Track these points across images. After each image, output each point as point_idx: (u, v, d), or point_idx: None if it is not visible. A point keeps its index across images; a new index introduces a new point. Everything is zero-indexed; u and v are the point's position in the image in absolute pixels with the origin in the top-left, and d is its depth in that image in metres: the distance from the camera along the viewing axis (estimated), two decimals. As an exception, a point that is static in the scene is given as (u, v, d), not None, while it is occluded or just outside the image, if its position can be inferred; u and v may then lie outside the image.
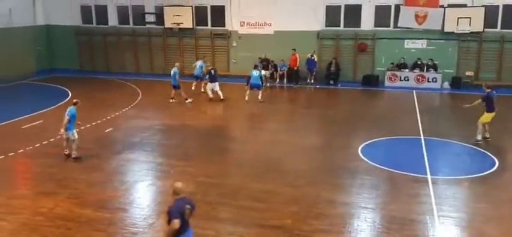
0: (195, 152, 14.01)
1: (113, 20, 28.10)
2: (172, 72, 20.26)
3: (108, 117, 17.67)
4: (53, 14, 28.69)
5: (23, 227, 9.16)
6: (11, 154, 13.39)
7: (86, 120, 16.83)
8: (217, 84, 20.51)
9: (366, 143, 14.36)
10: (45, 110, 18.79)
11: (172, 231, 6.81)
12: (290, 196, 10.64)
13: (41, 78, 26.32)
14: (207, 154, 13.65)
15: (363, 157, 13.15)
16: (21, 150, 13.75)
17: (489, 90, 14.49)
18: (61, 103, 20.13)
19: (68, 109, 12.98)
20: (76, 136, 12.99)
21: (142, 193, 11.16)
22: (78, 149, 13.20)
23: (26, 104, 19.69)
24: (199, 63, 22.55)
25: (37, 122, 16.89)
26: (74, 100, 13.46)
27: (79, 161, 12.82)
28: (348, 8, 24.66)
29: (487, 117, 14.35)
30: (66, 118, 12.78)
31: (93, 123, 16.74)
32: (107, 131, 16.01)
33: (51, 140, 14.72)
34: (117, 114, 18.31)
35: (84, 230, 9.07)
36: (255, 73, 20.30)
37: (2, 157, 13.09)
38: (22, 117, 17.36)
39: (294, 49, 24.53)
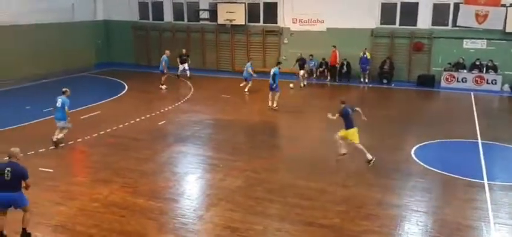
0: (244, 147, 14.13)
1: (168, 16, 28.83)
2: (162, 60, 22.12)
3: (161, 110, 18.16)
4: (112, 10, 29.86)
5: (80, 212, 9.61)
6: (70, 143, 14.07)
7: (140, 113, 17.49)
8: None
9: (420, 145, 13.93)
10: (103, 102, 19.61)
11: None
12: (339, 195, 10.50)
13: (99, 71, 27.47)
14: (255, 150, 13.74)
15: (416, 159, 12.77)
16: (80, 139, 14.42)
17: (344, 105, 12.64)
18: (118, 95, 20.96)
19: (60, 100, 13.54)
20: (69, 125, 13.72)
21: (192, 184, 11.40)
22: (133, 140, 13.64)
23: (85, 96, 20.59)
24: (248, 64, 22.62)
25: (95, 113, 17.66)
26: (63, 89, 13.84)
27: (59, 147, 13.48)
28: (404, 5, 23.96)
29: (345, 132, 12.56)
30: (66, 108, 13.46)
31: (147, 116, 17.29)
32: (160, 123, 16.47)
33: (108, 130, 15.36)
34: (170, 107, 18.79)
35: (137, 217, 9.39)
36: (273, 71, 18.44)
37: (62, 145, 13.77)
38: (81, 108, 18.20)
39: (334, 46, 24.17)
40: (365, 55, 23.85)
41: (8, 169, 7.94)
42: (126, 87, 22.79)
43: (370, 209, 9.80)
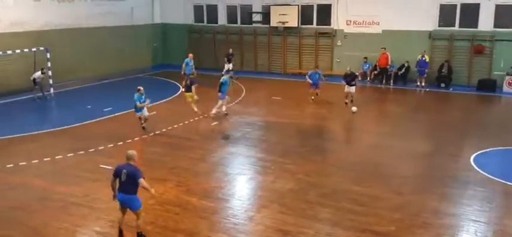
0: (295, 150, 14.08)
1: (222, 19, 29.29)
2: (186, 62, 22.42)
3: (214, 111, 18.43)
4: (169, 13, 30.71)
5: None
6: (128, 141, 14.60)
7: (193, 114, 17.84)
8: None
9: (480, 152, 13.30)
10: (159, 102, 20.18)
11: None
12: (394, 202, 10.23)
13: (155, 72, 28.33)
14: (307, 153, 13.65)
15: (475, 167, 12.21)
16: (137, 138, 14.94)
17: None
18: (173, 96, 21.53)
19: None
20: (145, 114, 15.42)
21: (244, 186, 11.50)
22: (187, 140, 13.93)
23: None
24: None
25: (151, 113, 18.18)
26: (138, 87, 15.62)
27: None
28: (465, 7, 22.99)
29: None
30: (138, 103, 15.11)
31: (201, 117, 17.62)
32: (212, 124, 16.76)
33: (164, 130, 15.81)
34: (222, 109, 19.02)
35: (190, 216, 9.61)
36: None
37: (121, 143, 14.32)
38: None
39: (384, 48, 23.55)
40: (423, 58, 23.11)
41: (125, 171, 8.13)
42: (181, 88, 23.33)
43: (426, 218, 9.48)
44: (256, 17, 27.98)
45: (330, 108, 19.96)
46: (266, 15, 27.40)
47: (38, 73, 20.35)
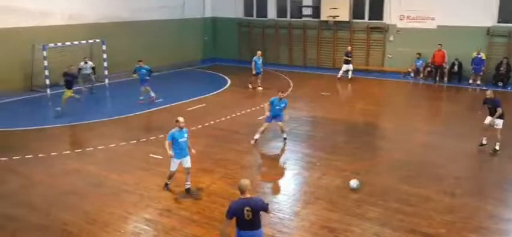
0: (343, 146, 13.88)
1: (271, 12, 29.25)
2: (255, 60, 21.47)
3: (261, 105, 18.41)
4: (219, 7, 31.02)
5: (185, 199, 10.18)
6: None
7: (240, 107, 17.99)
8: None
9: (540, 155, 12.58)
10: (208, 95, 20.49)
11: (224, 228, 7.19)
12: (446, 204, 9.87)
13: (205, 66, 28.74)
14: (355, 150, 13.41)
15: (534, 171, 11.57)
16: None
17: None
18: (221, 89, 21.78)
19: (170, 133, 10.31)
20: (189, 164, 10.48)
21: (290, 181, 11.48)
22: (234, 133, 14.01)
23: (192, 89, 21.67)
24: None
25: (200, 106, 18.53)
26: (177, 119, 10.31)
27: (192, 193, 10.51)
28: (527, 1, 21.77)
29: None
30: (169, 141, 10.17)
31: (248, 110, 17.73)
32: (259, 118, 16.75)
33: (212, 122, 16.03)
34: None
35: (235, 208, 9.67)
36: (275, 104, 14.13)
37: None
38: (188, 100, 19.21)
39: (440, 45, 22.61)
40: (479, 55, 22.08)
41: (248, 208, 6.67)
42: (229, 81, 23.57)
43: (479, 222, 9.08)
44: (306, 11, 27.72)
45: (379, 104, 19.49)
46: (316, 8, 27.08)
47: (82, 63, 20.46)
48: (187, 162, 10.38)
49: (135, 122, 16.40)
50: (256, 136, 13.85)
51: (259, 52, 22.54)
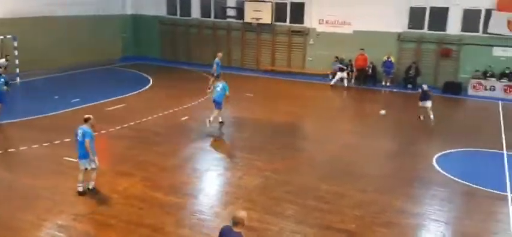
0: (265, 147, 14.15)
1: (195, 12, 29.07)
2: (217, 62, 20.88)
3: (185, 106, 18.35)
4: (141, 4, 30.26)
5: (101, 203, 9.83)
6: (94, 134, 14.31)
7: (163, 107, 17.71)
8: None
9: (442, 153, 13.68)
10: (128, 95, 19.91)
11: None
12: (358, 200, 10.43)
13: (125, 64, 27.86)
14: (277, 150, 13.74)
15: (437, 168, 12.56)
16: (104, 131, 14.68)
17: None
18: (142, 89, 21.28)
19: (81, 131, 10.07)
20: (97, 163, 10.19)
21: (212, 182, 11.51)
22: (155, 135, 13.79)
23: (112, 88, 20.98)
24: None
25: (120, 106, 17.96)
26: (86, 117, 10.27)
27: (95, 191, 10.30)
28: (434, 10, 23.54)
29: None
30: (87, 141, 9.92)
31: (170, 111, 17.50)
32: (182, 119, 16.66)
33: (132, 123, 15.61)
34: (193, 103, 18.96)
35: (155, 211, 9.54)
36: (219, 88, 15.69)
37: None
38: (107, 100, 18.55)
39: (363, 49, 23.94)
40: (389, 59, 23.62)
41: None
42: (151, 81, 23.11)
43: (388, 216, 9.71)
44: (230, 12, 27.90)
45: (302, 106, 20.12)
46: (240, 10, 27.35)
47: (2, 61, 19.68)
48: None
49: (49, 124, 15.54)
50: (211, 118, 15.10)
51: (219, 54, 22.02)
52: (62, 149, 12.91)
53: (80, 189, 10.11)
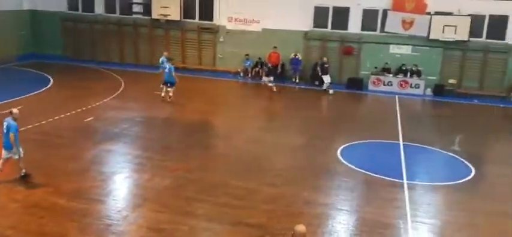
0: (175, 146, 13.94)
1: (99, 8, 27.76)
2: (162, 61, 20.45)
3: (89, 106, 17.46)
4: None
5: (-5, 213, 9.05)
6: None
7: (66, 108, 16.71)
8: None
9: (346, 145, 14.44)
10: (26, 96, 18.49)
11: None
12: (268, 194, 10.66)
13: (23, 63, 25.80)
14: (187, 149, 13.60)
15: (341, 159, 13.24)
16: (-2, 135, 13.52)
17: None
18: (42, 89, 19.90)
19: (6, 123, 10.40)
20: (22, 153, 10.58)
21: (119, 184, 11.08)
22: (57, 137, 12.99)
23: (7, 88, 19.37)
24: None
25: (17, 107, 16.57)
26: (11, 110, 10.71)
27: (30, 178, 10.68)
28: (336, 10, 24.72)
29: None
30: (12, 134, 10.24)
31: (73, 112, 16.55)
32: (86, 120, 15.83)
33: (30, 126, 14.49)
34: (98, 103, 18.09)
35: (57, 219, 8.98)
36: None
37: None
38: (2, 102, 17.05)
39: (275, 47, 24.57)
40: (296, 56, 24.46)
41: None
42: (52, 80, 21.68)
43: (296, 208, 10.05)
44: (137, 8, 27.03)
45: (212, 103, 20.10)
46: (147, 6, 26.61)
47: None
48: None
49: None
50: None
51: (165, 52, 21.59)
52: None
53: None
